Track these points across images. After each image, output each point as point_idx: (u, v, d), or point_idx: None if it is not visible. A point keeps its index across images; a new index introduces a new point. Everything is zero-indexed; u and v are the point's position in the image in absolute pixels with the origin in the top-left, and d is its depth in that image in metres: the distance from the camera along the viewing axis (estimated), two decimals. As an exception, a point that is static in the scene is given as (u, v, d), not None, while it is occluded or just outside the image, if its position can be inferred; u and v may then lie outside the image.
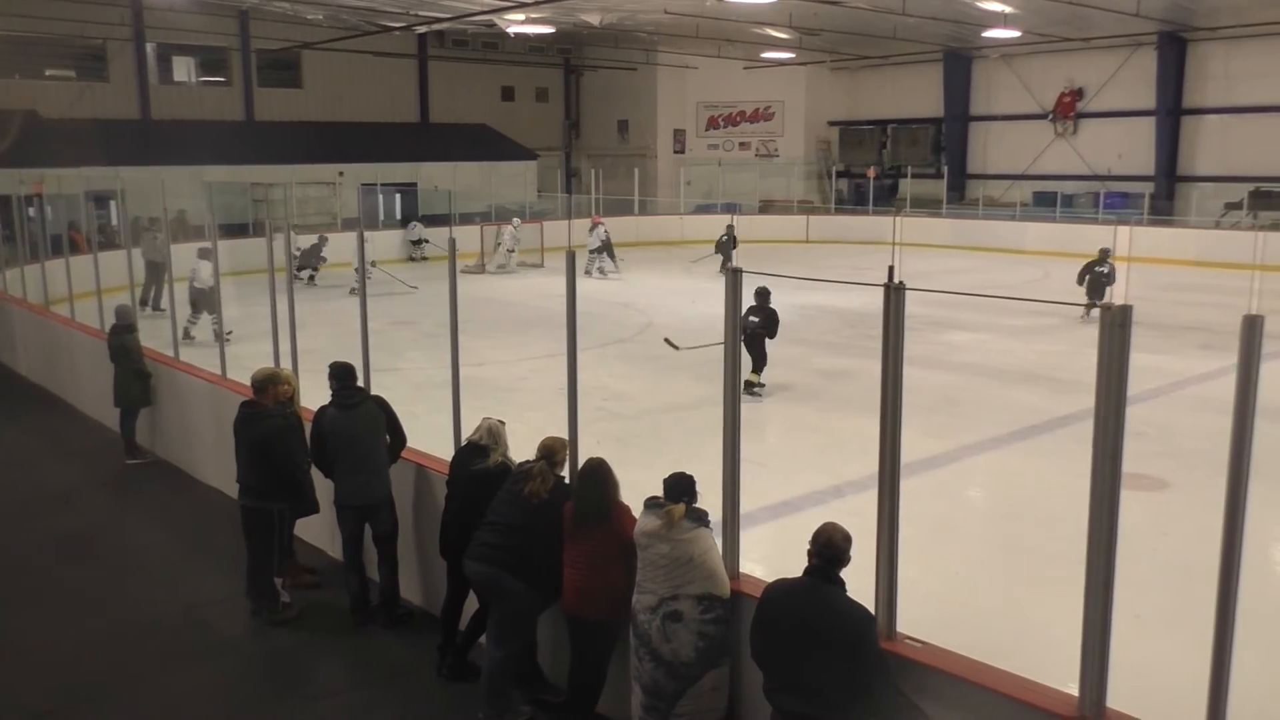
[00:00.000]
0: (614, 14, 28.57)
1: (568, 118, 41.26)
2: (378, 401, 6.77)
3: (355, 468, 6.60)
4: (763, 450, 10.02)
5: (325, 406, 6.75)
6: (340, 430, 6.61)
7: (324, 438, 6.67)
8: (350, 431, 6.60)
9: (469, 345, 7.32)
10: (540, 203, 32.83)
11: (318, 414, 6.78)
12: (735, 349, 4.77)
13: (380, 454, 6.66)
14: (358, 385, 6.77)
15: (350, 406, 6.64)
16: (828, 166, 37.66)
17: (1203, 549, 3.53)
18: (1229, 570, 3.28)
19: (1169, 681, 4.24)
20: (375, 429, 6.65)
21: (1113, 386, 3.46)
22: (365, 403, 6.70)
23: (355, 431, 6.60)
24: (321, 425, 6.70)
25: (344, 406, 6.65)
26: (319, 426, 6.71)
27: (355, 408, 6.64)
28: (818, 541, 4.17)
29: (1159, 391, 12.33)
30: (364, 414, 6.64)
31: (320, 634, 6.73)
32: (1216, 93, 29.06)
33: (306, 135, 31.89)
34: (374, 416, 6.65)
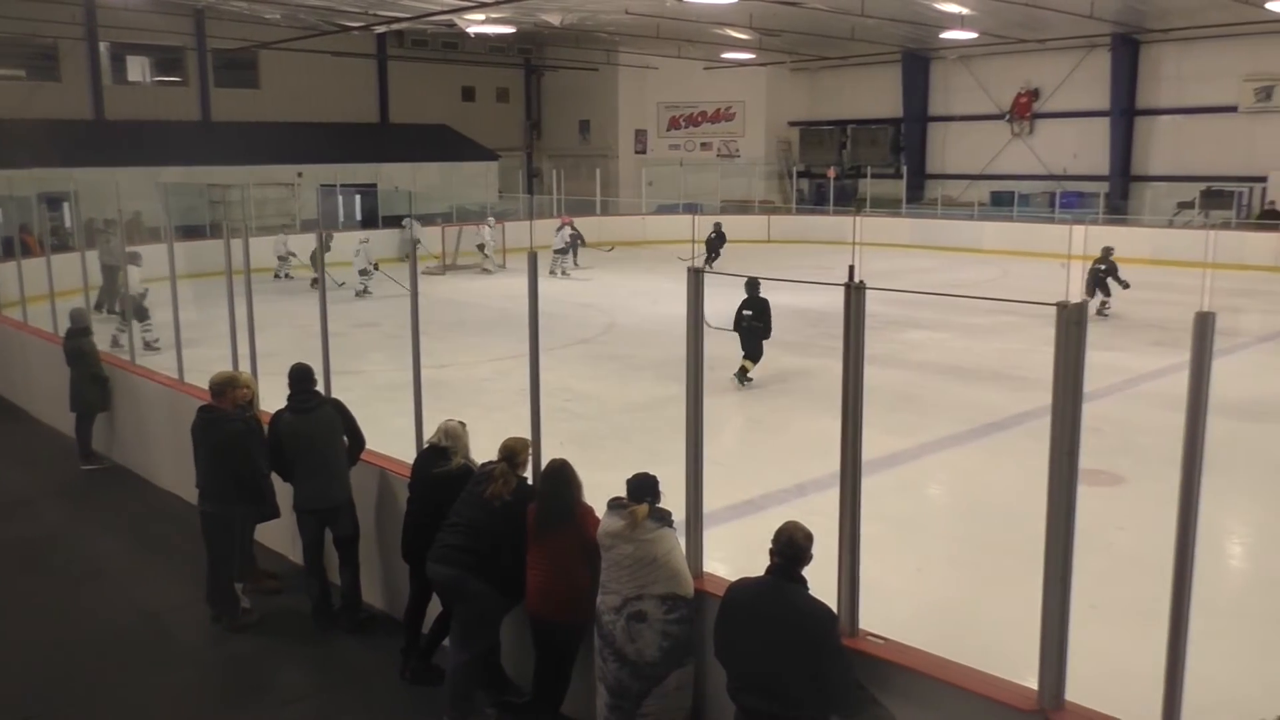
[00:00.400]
0: (574, 14, 28.54)
1: (529, 118, 41.15)
2: (335, 405, 6.71)
3: (313, 472, 6.55)
4: (726, 450, 10.05)
5: (281, 411, 6.69)
6: (297, 434, 6.56)
7: (281, 442, 6.62)
8: (307, 436, 6.54)
9: (430, 347, 7.29)
10: (502, 203, 32.70)
11: (274, 418, 6.73)
12: (698, 349, 4.78)
13: (338, 458, 6.60)
14: (315, 389, 6.71)
15: (306, 411, 6.59)
16: (788, 167, 37.84)
17: (1158, 542, 3.59)
18: (1183, 562, 3.34)
19: (1126, 673, 4.31)
20: (332, 433, 6.59)
21: (1069, 384, 3.50)
22: (322, 407, 6.64)
23: (312, 436, 6.54)
24: (278, 430, 6.65)
25: (300, 411, 6.59)
26: (275, 431, 6.66)
27: (311, 412, 6.59)
28: (779, 540, 4.19)
29: (1114, 388, 12.51)
30: (320, 418, 6.58)
31: (282, 639, 6.66)
32: (1169, 93, 29.54)
33: (264, 136, 31.54)
34: (330, 420, 6.60)
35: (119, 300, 14.93)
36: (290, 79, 33.47)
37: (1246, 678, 5.64)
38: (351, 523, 6.67)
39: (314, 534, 6.69)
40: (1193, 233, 25.78)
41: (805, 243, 29.88)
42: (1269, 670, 5.97)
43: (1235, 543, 8.34)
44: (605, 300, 20.61)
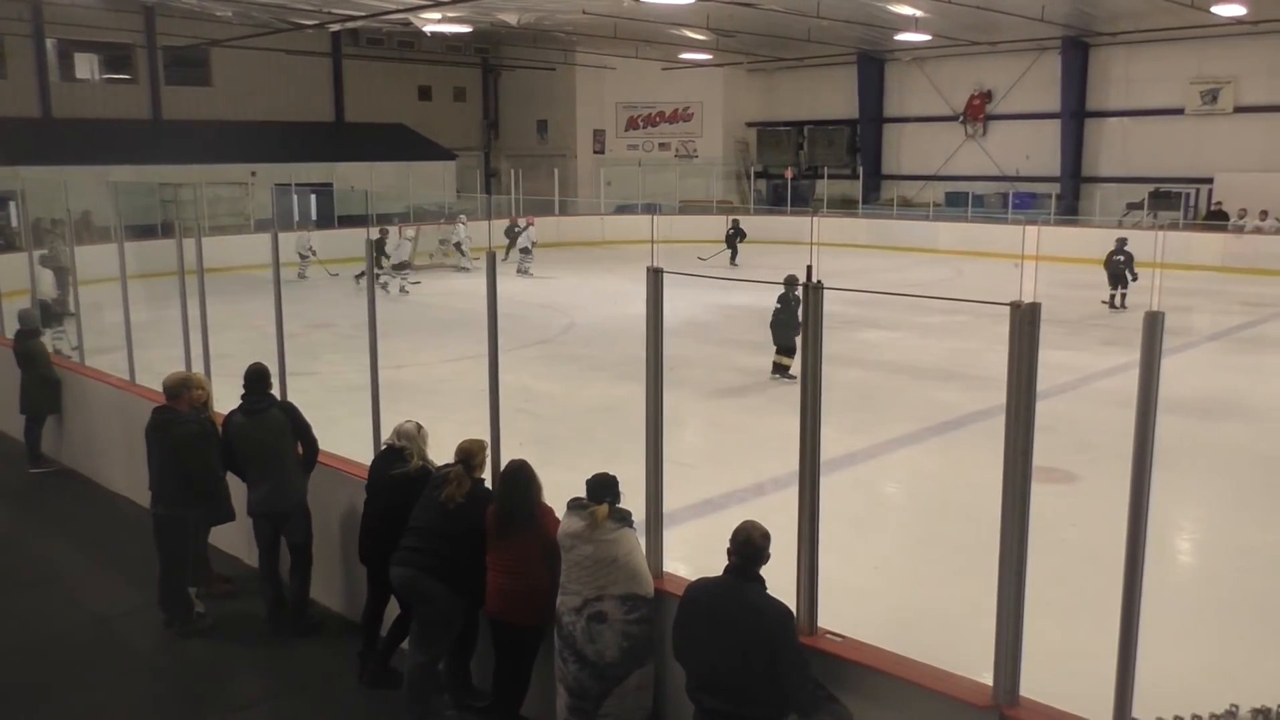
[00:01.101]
0: (532, 14, 28.47)
1: (486, 118, 40.97)
2: (284, 408, 6.62)
3: (263, 476, 6.49)
4: (685, 449, 10.07)
5: (233, 412, 6.63)
6: (245, 437, 6.49)
7: (232, 444, 6.56)
8: (256, 439, 6.47)
9: (388, 348, 7.23)
10: (460, 203, 32.53)
11: (226, 419, 6.67)
12: (657, 349, 4.78)
13: (288, 462, 6.52)
14: (268, 391, 6.63)
15: (256, 413, 6.51)
16: (746, 167, 38.00)
17: (1110, 538, 3.64)
18: (1134, 558, 3.39)
19: (1080, 667, 4.37)
20: (281, 436, 6.49)
21: (1023, 382, 3.55)
22: (271, 410, 6.55)
23: (261, 439, 6.47)
24: (229, 431, 6.59)
25: (250, 413, 6.52)
26: (227, 432, 6.61)
27: (260, 414, 6.51)
28: (736, 540, 4.21)
29: (1067, 387, 12.70)
30: (269, 421, 6.49)
31: (236, 644, 6.58)
32: (1117, 96, 30.03)
33: (217, 134, 31.11)
34: (279, 424, 6.50)
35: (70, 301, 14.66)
36: (243, 77, 33.05)
37: (1197, 669, 5.75)
38: (304, 528, 6.58)
39: (268, 538, 6.62)
40: (1141, 233, 26.22)
41: (763, 243, 30.02)
42: (1219, 661, 6.09)
43: (1185, 538, 8.50)
44: (564, 300, 20.58)
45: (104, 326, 14.66)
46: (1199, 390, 12.41)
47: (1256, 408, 12.36)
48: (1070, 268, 23.19)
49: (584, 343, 16.55)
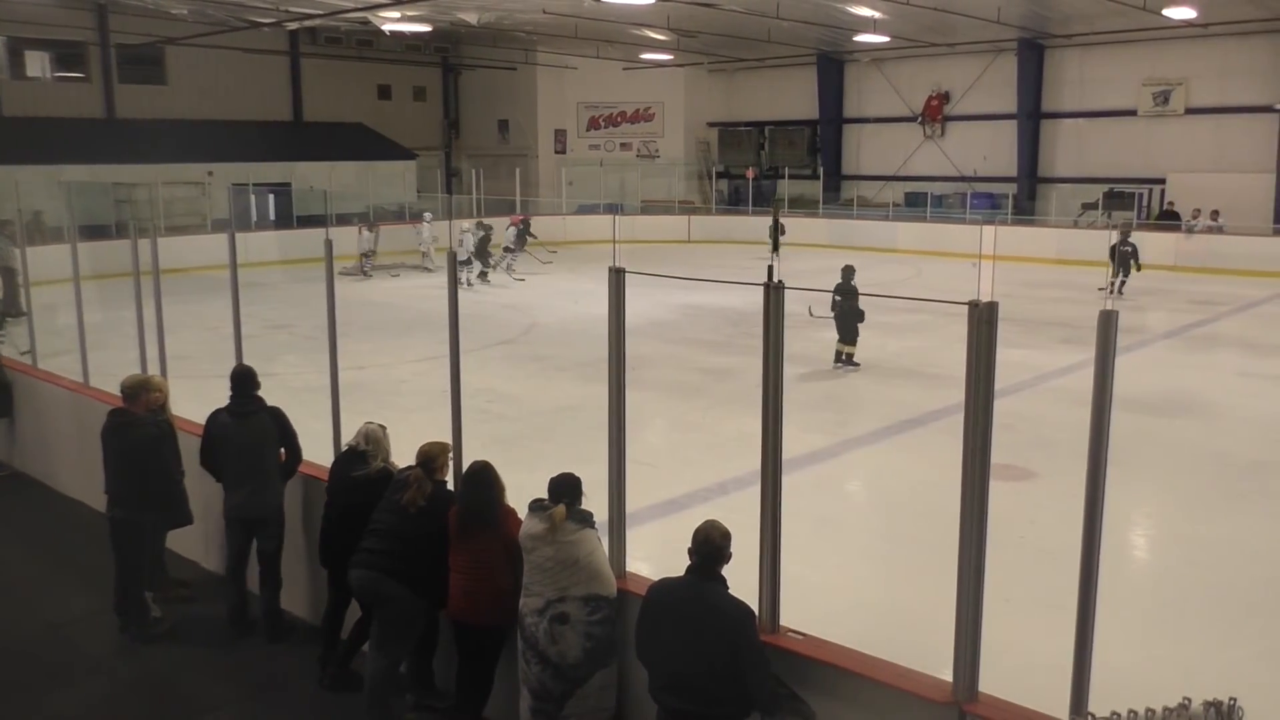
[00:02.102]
0: (492, 13, 28.34)
1: (447, 117, 40.74)
2: (273, 413, 6.55)
3: (243, 479, 6.41)
4: (648, 449, 10.06)
5: (219, 411, 6.55)
6: (230, 438, 6.42)
7: (213, 444, 6.48)
8: (240, 441, 6.40)
9: (348, 349, 7.19)
10: (420, 203, 32.32)
11: (210, 418, 6.60)
12: (620, 349, 4.78)
13: (269, 467, 6.45)
14: (256, 394, 6.56)
15: (243, 415, 6.44)
16: (708, 167, 38.09)
17: (1067, 534, 3.69)
18: (1090, 554, 3.44)
19: (1038, 663, 4.43)
20: (266, 441, 6.44)
21: (981, 381, 3.59)
22: (259, 414, 6.49)
23: (245, 441, 6.40)
24: (212, 431, 6.52)
25: (237, 414, 6.45)
26: (210, 432, 6.53)
27: (248, 417, 6.44)
28: (696, 539, 4.22)
29: (1024, 385, 12.85)
30: (256, 424, 6.44)
31: (195, 649, 6.50)
32: (1072, 97, 30.43)
33: (172, 134, 30.65)
34: (266, 428, 6.45)
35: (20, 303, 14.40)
36: (199, 76, 32.61)
37: (1153, 664, 5.84)
38: (277, 536, 6.51)
39: (240, 542, 6.55)
40: (1096, 233, 26.62)
41: (725, 243, 30.13)
42: (1172, 655, 6.19)
43: (1139, 534, 8.63)
44: (526, 301, 20.53)
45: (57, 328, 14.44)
46: (1153, 388, 12.61)
47: (1208, 405, 12.58)
48: (1027, 267, 23.51)
49: (546, 343, 16.52)
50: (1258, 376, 13.99)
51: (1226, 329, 18.11)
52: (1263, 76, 26.54)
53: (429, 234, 25.35)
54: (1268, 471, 9.97)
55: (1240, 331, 17.90)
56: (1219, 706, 2.53)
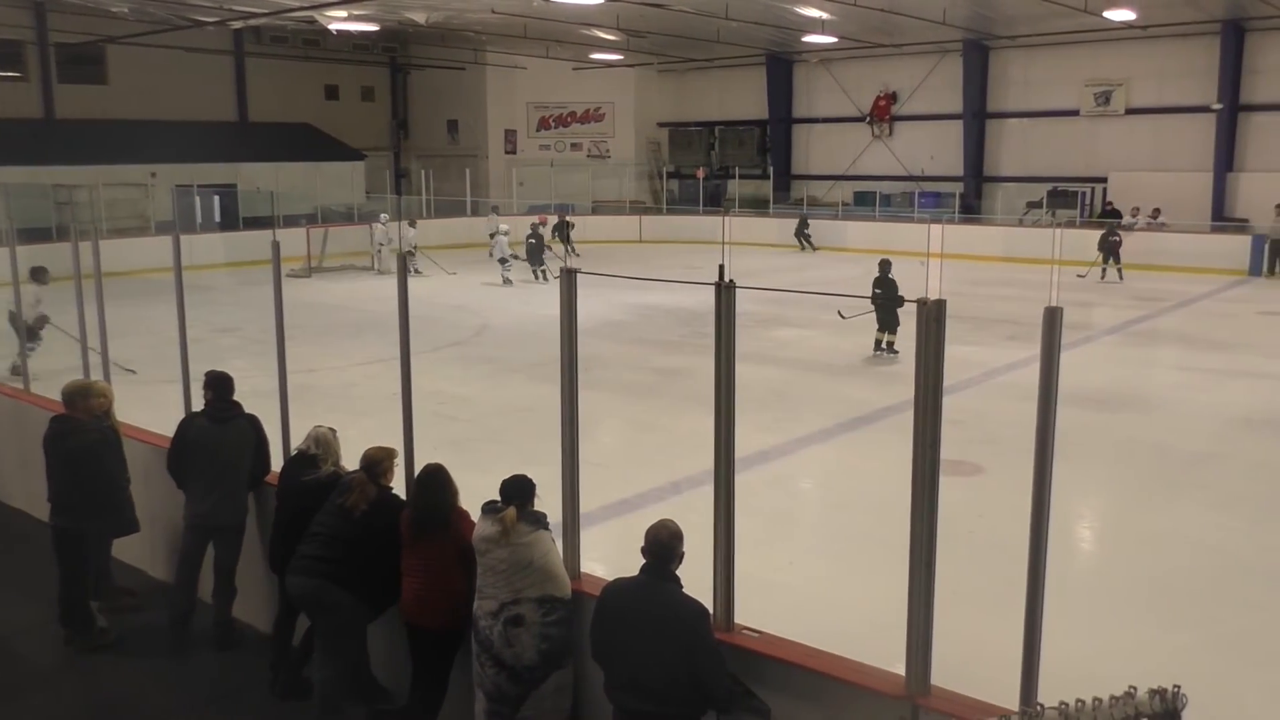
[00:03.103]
0: (440, 12, 28.13)
1: (395, 117, 40.41)
2: (251, 421, 6.44)
3: (211, 486, 6.29)
4: (601, 450, 10.04)
5: (195, 415, 6.45)
6: (205, 444, 6.31)
7: (186, 448, 6.36)
8: (217, 447, 6.29)
9: (297, 352, 7.09)
10: (369, 204, 32.02)
11: (184, 422, 6.49)
12: (572, 350, 4.78)
13: (239, 476, 6.35)
14: (234, 399, 6.45)
15: (222, 421, 6.33)
16: (658, 167, 38.15)
17: (1016, 528, 3.75)
18: (1037, 546, 3.49)
19: (989, 655, 4.49)
20: (241, 449, 6.33)
21: (930, 377, 3.62)
22: (238, 420, 6.39)
23: (220, 448, 6.29)
24: (187, 435, 6.39)
25: (216, 420, 6.34)
26: (183, 435, 6.40)
27: (227, 422, 6.34)
28: (648, 540, 4.23)
29: (973, 381, 13.02)
30: (234, 431, 6.34)
31: (142, 659, 6.38)
32: (1016, 97, 30.90)
33: (114, 134, 30.10)
34: (244, 436, 6.35)
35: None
36: (141, 75, 32.02)
37: (1100, 653, 5.94)
38: (236, 546, 6.40)
39: (195, 549, 6.43)
40: (1041, 230, 27.05)
41: (676, 242, 30.19)
42: (1118, 645, 6.31)
43: (1085, 526, 8.79)
44: (477, 302, 20.42)
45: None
46: (1097, 383, 12.84)
47: (1150, 398, 12.85)
48: (974, 264, 23.83)
49: (498, 344, 16.45)
50: (1197, 370, 14.30)
51: (1167, 324, 18.50)
52: (1200, 77, 27.13)
53: (381, 235, 25.11)
54: (1208, 463, 10.20)
55: (1180, 327, 18.30)
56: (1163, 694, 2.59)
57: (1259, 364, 14.63)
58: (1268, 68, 26.34)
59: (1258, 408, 12.15)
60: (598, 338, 15.34)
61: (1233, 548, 8.06)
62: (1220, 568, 7.67)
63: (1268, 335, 17.20)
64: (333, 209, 29.82)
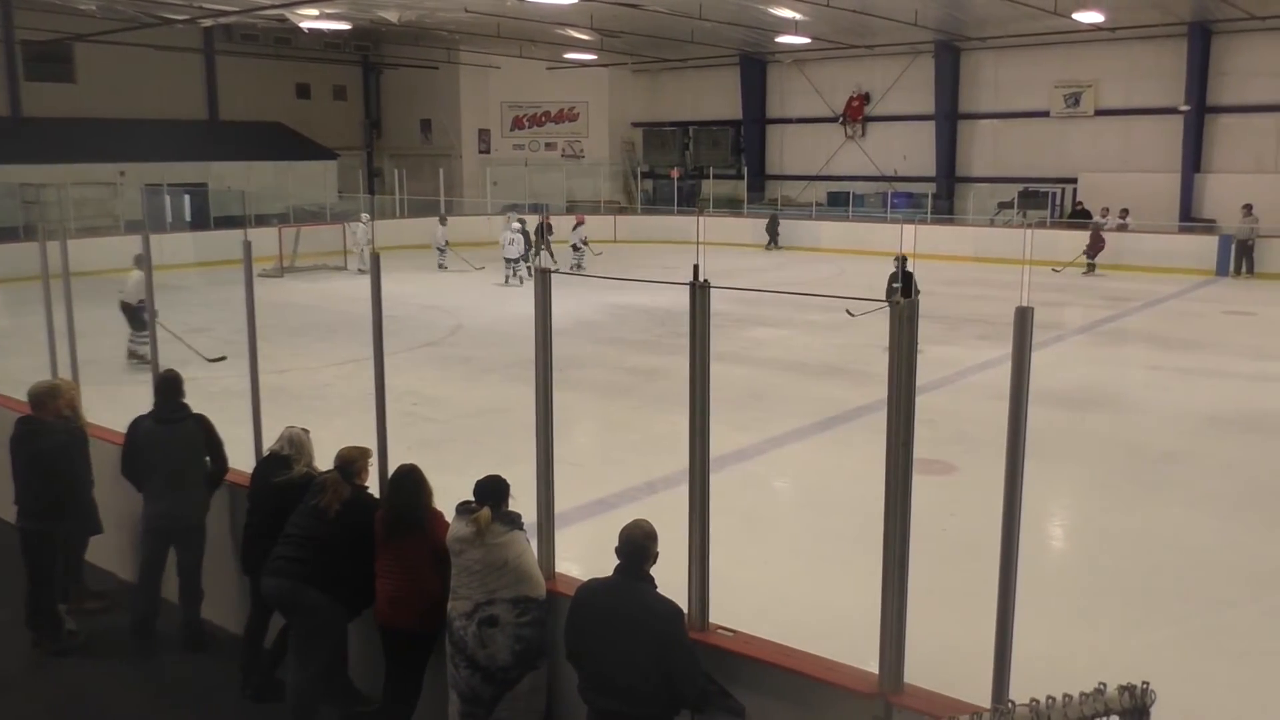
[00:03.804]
0: (413, 11, 28.03)
1: (368, 116, 40.21)
2: (200, 421, 6.38)
3: (166, 488, 6.23)
4: (577, 449, 10.06)
5: (143, 417, 6.37)
6: (155, 445, 6.24)
7: (137, 450, 6.30)
8: (165, 448, 6.22)
9: (269, 352, 7.05)
10: (341, 203, 31.84)
11: (133, 424, 6.41)
12: (546, 349, 4.77)
13: (195, 477, 6.28)
14: (183, 401, 6.38)
15: (170, 422, 6.27)
16: (633, 167, 38.16)
17: (988, 526, 3.77)
18: (1009, 545, 3.52)
19: (961, 652, 4.51)
20: (193, 449, 6.26)
21: (903, 377, 3.64)
22: (186, 420, 6.31)
23: (171, 449, 6.22)
24: (136, 437, 6.33)
25: (164, 421, 6.27)
26: (132, 438, 6.34)
27: (175, 424, 6.27)
28: (621, 540, 4.23)
29: (945, 380, 13.10)
30: (182, 432, 6.26)
31: (111, 662, 6.32)
32: (987, 99, 31.13)
33: (82, 133, 29.75)
34: (193, 436, 6.27)
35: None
36: (110, 73, 31.68)
37: (1071, 651, 5.99)
38: (198, 548, 6.33)
39: (156, 552, 6.36)
40: (1012, 231, 27.27)
41: (651, 242, 30.23)
42: (1091, 642, 6.37)
43: (1056, 524, 8.86)
44: (451, 302, 20.34)
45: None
46: (1068, 382, 12.96)
47: (1120, 398, 12.97)
48: (946, 264, 23.99)
49: (473, 344, 16.39)
50: (1166, 369, 14.46)
51: (1136, 324, 18.69)
52: (1167, 79, 27.43)
53: (364, 235, 24.91)
54: (1177, 462, 10.31)
55: (1149, 326, 18.49)
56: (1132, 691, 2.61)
57: (1226, 363, 14.80)
58: (1234, 69, 26.67)
59: (1226, 406, 12.30)
60: (573, 338, 15.33)
61: (1201, 545, 8.15)
62: (1189, 565, 7.76)
63: (1235, 335, 17.41)
64: (305, 208, 29.63)
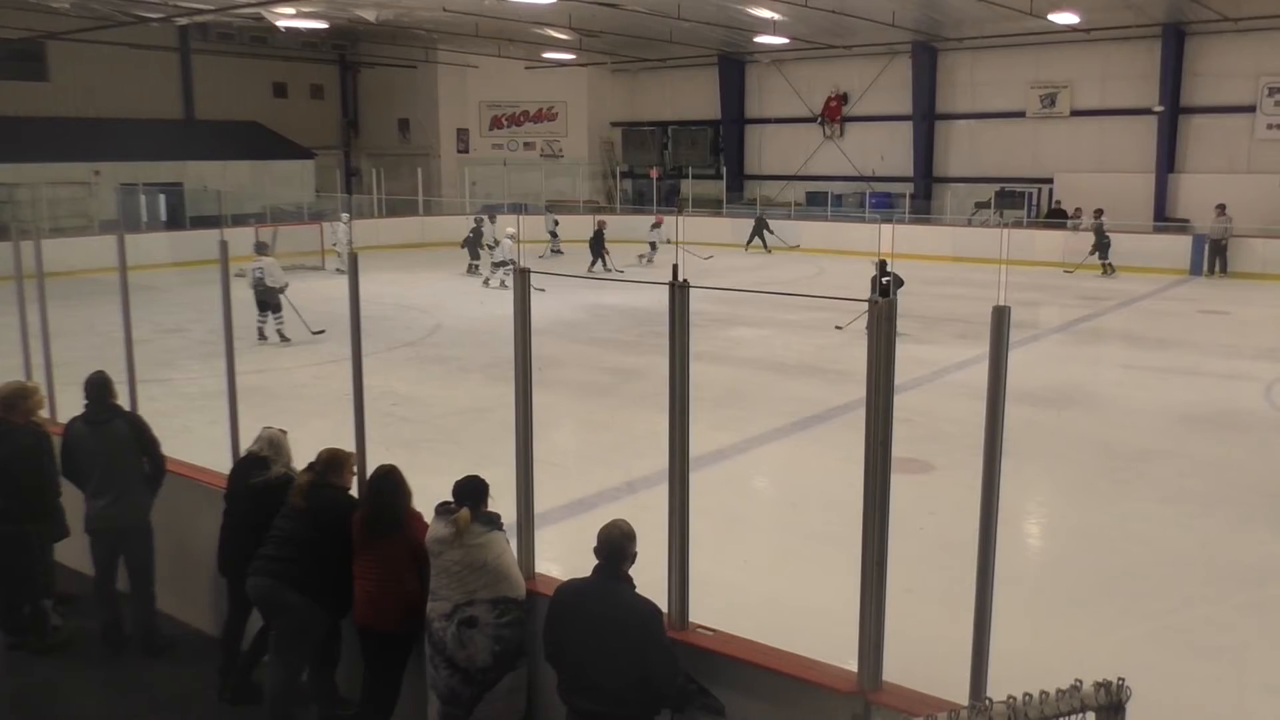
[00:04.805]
0: (390, 10, 27.92)
1: (345, 116, 40.02)
2: (130, 420, 6.31)
3: (101, 490, 6.17)
4: (556, 450, 10.04)
5: (74, 420, 6.32)
6: (84, 448, 6.19)
7: (72, 454, 6.26)
8: (95, 450, 6.17)
9: (246, 353, 7.01)
10: (319, 203, 31.67)
11: (66, 427, 6.37)
12: (526, 349, 4.76)
13: (129, 478, 6.20)
14: (112, 401, 6.31)
15: (98, 423, 6.20)
16: (612, 167, 38.14)
17: (965, 524, 3.80)
18: (986, 543, 3.54)
19: (940, 651, 4.54)
20: (122, 450, 6.18)
21: (881, 376, 3.66)
22: (114, 421, 6.23)
23: (100, 450, 6.16)
24: (68, 439, 6.29)
25: (91, 423, 6.21)
26: (66, 440, 6.30)
27: (102, 425, 6.20)
28: (600, 540, 4.23)
29: (923, 380, 13.17)
30: (111, 433, 6.18)
31: (87, 666, 6.26)
32: (964, 99, 31.30)
33: (56, 132, 29.49)
34: (121, 436, 6.19)
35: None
36: (84, 72, 31.40)
37: (1048, 648, 6.04)
38: (143, 550, 6.27)
39: (102, 555, 6.31)
40: (989, 231, 27.43)
41: (630, 242, 30.20)
42: (1068, 639, 6.42)
43: (1033, 522, 8.92)
44: (430, 302, 20.28)
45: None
46: (1044, 381, 13.04)
47: (1095, 396, 13.08)
48: (924, 264, 24.09)
49: (452, 344, 16.34)
50: (1140, 369, 14.58)
51: (1111, 323, 18.84)
52: (1141, 80, 27.65)
53: (343, 235, 24.75)
54: (1152, 459, 10.40)
55: (1124, 326, 18.64)
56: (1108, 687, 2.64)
57: (1200, 362, 14.94)
58: (1207, 70, 26.91)
59: (1199, 405, 12.42)
60: (553, 337, 15.32)
61: (1176, 542, 8.22)
62: (1164, 562, 7.83)
63: (1209, 334, 17.58)
64: (282, 208, 29.45)
